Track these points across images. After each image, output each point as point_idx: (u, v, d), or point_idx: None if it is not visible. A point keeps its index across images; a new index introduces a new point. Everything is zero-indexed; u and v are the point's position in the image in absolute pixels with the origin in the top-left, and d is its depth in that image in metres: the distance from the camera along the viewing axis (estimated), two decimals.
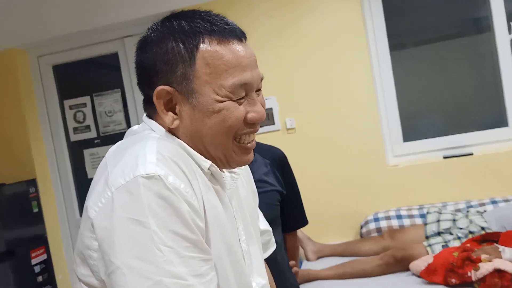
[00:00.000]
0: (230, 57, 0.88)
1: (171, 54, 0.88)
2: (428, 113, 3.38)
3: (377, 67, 3.18)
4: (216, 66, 0.87)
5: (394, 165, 3.15)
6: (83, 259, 0.84)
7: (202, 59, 0.87)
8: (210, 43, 0.87)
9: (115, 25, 3.44)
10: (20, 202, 3.28)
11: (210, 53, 0.87)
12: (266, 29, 3.19)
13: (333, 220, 3.15)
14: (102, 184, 0.82)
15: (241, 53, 0.89)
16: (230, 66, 0.87)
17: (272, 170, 1.63)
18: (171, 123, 0.91)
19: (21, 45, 3.59)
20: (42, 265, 3.31)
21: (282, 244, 1.63)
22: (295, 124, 3.19)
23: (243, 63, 0.89)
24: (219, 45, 0.88)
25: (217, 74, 0.87)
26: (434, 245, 2.52)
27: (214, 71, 0.87)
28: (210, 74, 0.87)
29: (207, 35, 0.88)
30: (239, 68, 0.88)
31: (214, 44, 0.88)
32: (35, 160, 3.55)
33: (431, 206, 2.91)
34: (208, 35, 0.88)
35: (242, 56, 0.89)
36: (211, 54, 0.87)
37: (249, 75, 0.90)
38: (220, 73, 0.87)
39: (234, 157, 0.94)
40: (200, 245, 0.81)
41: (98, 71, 3.85)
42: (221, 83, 0.87)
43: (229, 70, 0.87)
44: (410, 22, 3.40)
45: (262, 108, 0.94)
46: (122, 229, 0.76)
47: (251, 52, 0.93)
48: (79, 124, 3.74)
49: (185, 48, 0.87)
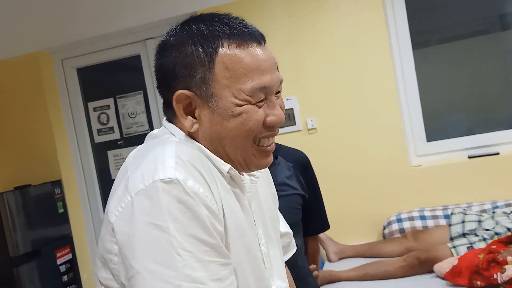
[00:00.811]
0: (249, 60, 0.87)
1: (190, 58, 0.88)
2: (452, 112, 3.32)
3: (400, 66, 3.14)
4: (235, 70, 0.87)
5: (417, 165, 3.10)
6: (104, 262, 0.86)
7: (221, 63, 0.87)
8: (229, 47, 0.87)
9: (137, 28, 3.48)
10: (46, 203, 3.35)
11: (229, 57, 0.87)
12: (287, 29, 3.18)
13: (356, 221, 3.13)
14: (122, 189, 0.83)
15: (260, 56, 0.89)
16: (249, 70, 0.87)
17: (295, 174, 1.61)
18: (191, 127, 0.91)
19: (46, 48, 3.66)
20: (67, 265, 3.38)
21: (303, 248, 1.62)
22: (316, 124, 3.17)
23: (262, 66, 0.89)
24: (238, 48, 0.88)
25: (237, 78, 0.87)
26: (459, 247, 2.48)
27: (233, 75, 0.87)
28: (229, 78, 0.87)
29: (226, 39, 0.88)
30: (258, 72, 0.88)
31: (233, 48, 0.87)
32: (61, 162, 3.62)
33: (456, 207, 2.86)
34: (227, 38, 0.88)
35: (261, 60, 0.89)
36: (230, 58, 0.87)
37: (268, 78, 0.89)
38: (239, 77, 0.87)
39: (254, 160, 0.94)
40: (220, 249, 0.81)
41: (121, 73, 3.90)
42: (241, 87, 0.87)
43: (248, 74, 0.87)
44: (433, 19, 3.34)
45: (281, 111, 0.93)
46: (142, 233, 0.77)
47: (271, 55, 0.92)
48: (103, 125, 3.80)
49: (204, 52, 0.87)
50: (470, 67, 3.26)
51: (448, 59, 3.29)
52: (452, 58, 3.29)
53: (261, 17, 3.19)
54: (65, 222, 3.49)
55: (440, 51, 3.38)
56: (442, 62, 3.31)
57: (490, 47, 3.28)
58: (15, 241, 3.00)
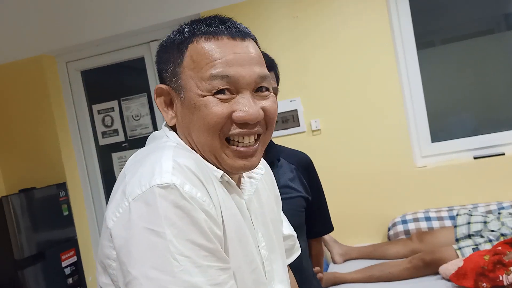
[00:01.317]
0: (215, 51, 0.88)
1: (168, 54, 0.94)
2: (457, 113, 3.30)
3: (404, 66, 3.13)
4: (199, 60, 0.89)
5: (422, 166, 3.09)
6: (103, 267, 0.85)
7: (189, 56, 0.90)
8: (198, 41, 0.90)
9: (140, 30, 3.49)
10: (51, 205, 3.36)
11: (196, 49, 0.90)
12: (291, 30, 3.17)
13: (360, 222, 3.11)
14: (120, 194, 0.83)
15: (229, 48, 0.88)
16: (212, 59, 0.88)
17: (298, 176, 1.60)
18: (170, 121, 0.95)
19: (50, 51, 3.68)
20: (72, 267, 3.39)
21: (307, 250, 1.61)
22: (320, 126, 3.16)
23: (228, 57, 0.88)
24: (206, 41, 0.89)
25: (199, 68, 0.88)
26: (464, 248, 2.46)
27: (197, 66, 0.89)
28: (193, 69, 0.89)
29: (199, 35, 0.90)
30: (222, 61, 0.87)
31: (201, 41, 0.90)
32: (65, 164, 3.63)
33: (461, 208, 2.84)
34: (199, 34, 0.90)
35: (229, 51, 0.88)
36: (196, 50, 0.89)
37: (234, 69, 0.87)
38: (202, 66, 0.88)
39: (226, 160, 0.91)
40: (218, 254, 0.81)
41: (125, 76, 3.91)
42: (202, 75, 0.88)
43: (211, 63, 0.88)
44: (438, 19, 3.33)
45: (254, 108, 0.89)
46: (139, 239, 0.76)
47: (247, 50, 0.90)
48: (107, 128, 3.81)
49: (178, 47, 0.92)
50: (475, 67, 3.24)
51: (453, 59, 3.28)
52: (457, 58, 3.27)
53: (265, 18, 3.19)
54: (70, 224, 3.50)
55: (444, 51, 3.37)
56: (446, 62, 3.29)
57: (495, 47, 3.26)
58: (20, 243, 3.01)
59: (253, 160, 0.93)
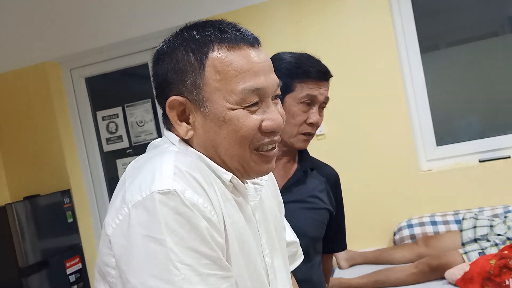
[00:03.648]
0: (241, 62, 0.86)
1: (181, 63, 0.88)
2: (462, 116, 3.28)
3: (408, 70, 3.12)
4: (226, 72, 0.85)
5: (428, 169, 3.07)
6: (102, 275, 0.84)
7: (212, 66, 0.86)
8: (219, 50, 0.86)
9: (144, 37, 3.51)
10: (55, 212, 3.37)
11: (219, 60, 0.86)
12: (294, 35, 3.17)
13: (366, 227, 3.09)
14: (119, 200, 0.82)
15: (253, 58, 0.87)
16: (240, 71, 0.85)
17: (326, 189, 1.57)
18: (185, 134, 0.90)
19: (55, 58, 3.70)
20: (77, 275, 3.39)
21: (320, 265, 1.57)
22: (324, 130, 3.15)
23: (254, 68, 0.87)
24: (229, 51, 0.86)
25: (227, 80, 0.85)
26: (471, 253, 2.43)
27: (224, 78, 0.85)
28: (220, 81, 0.85)
29: (217, 43, 0.87)
30: (250, 73, 0.86)
31: (223, 51, 0.86)
32: (70, 171, 3.64)
33: (467, 212, 2.82)
34: (218, 42, 0.87)
35: (254, 61, 0.87)
36: (220, 61, 0.85)
37: (262, 80, 0.87)
38: (230, 79, 0.85)
39: (253, 166, 0.91)
40: (220, 262, 0.79)
41: (129, 82, 3.92)
42: (232, 88, 0.85)
43: (240, 75, 0.85)
44: (442, 22, 3.32)
45: (279, 116, 0.90)
46: (138, 247, 0.75)
47: (265, 57, 0.91)
48: (111, 134, 3.82)
49: (195, 57, 0.87)
50: (480, 70, 3.22)
51: (458, 62, 3.26)
52: (462, 61, 3.25)
53: (268, 24, 3.19)
54: (75, 231, 3.50)
55: (449, 54, 3.36)
56: (451, 65, 3.28)
57: (500, 50, 3.25)
58: (24, 251, 3.02)
59: (273, 163, 0.95)
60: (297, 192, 1.48)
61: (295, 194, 1.47)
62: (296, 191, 1.48)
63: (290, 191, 1.45)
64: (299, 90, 1.43)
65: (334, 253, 1.79)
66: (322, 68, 1.47)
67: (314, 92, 1.44)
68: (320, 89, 1.46)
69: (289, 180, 1.49)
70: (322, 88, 1.47)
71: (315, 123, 1.46)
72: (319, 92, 1.45)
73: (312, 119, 1.44)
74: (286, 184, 1.47)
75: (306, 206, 1.47)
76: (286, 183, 1.47)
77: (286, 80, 1.39)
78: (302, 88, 1.43)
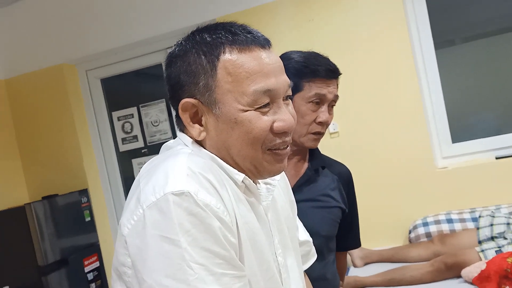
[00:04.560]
0: (252, 64, 0.87)
1: (194, 66, 0.89)
2: (478, 112, 3.24)
3: (422, 66, 3.09)
4: (237, 74, 0.86)
5: (443, 167, 3.04)
6: (119, 275, 0.86)
7: (223, 68, 0.87)
8: (230, 52, 0.87)
9: (157, 38, 3.53)
10: (73, 211, 3.42)
11: (231, 62, 0.87)
12: (307, 33, 3.16)
13: (381, 225, 3.08)
14: (134, 202, 0.83)
15: (264, 59, 0.88)
16: (251, 73, 0.86)
17: (339, 187, 1.57)
18: (198, 135, 0.91)
19: (71, 60, 3.75)
20: (95, 273, 3.43)
21: (334, 263, 1.56)
22: (338, 128, 3.14)
23: (265, 69, 0.87)
24: (240, 53, 0.87)
25: (239, 82, 0.86)
26: (487, 251, 2.41)
27: (235, 79, 0.86)
28: (231, 83, 0.86)
29: (228, 45, 0.88)
30: (261, 75, 0.87)
31: (235, 53, 0.87)
32: (87, 171, 3.69)
33: (484, 209, 2.79)
34: (229, 45, 0.88)
35: (265, 63, 0.88)
36: (232, 63, 0.87)
37: (273, 81, 0.88)
38: (241, 81, 0.86)
39: (266, 166, 0.92)
40: (233, 261, 0.80)
41: (143, 83, 3.95)
42: (243, 90, 0.86)
43: (251, 77, 0.86)
44: (457, 17, 3.28)
45: (290, 116, 0.91)
46: (153, 247, 0.77)
47: (276, 59, 0.91)
48: (127, 134, 3.86)
49: (207, 59, 0.88)
50: (496, 65, 3.18)
51: (473, 58, 3.22)
52: (477, 56, 3.21)
53: (280, 22, 3.19)
54: (92, 230, 3.55)
55: (465, 50, 3.32)
56: (467, 61, 3.24)
57: None
58: (43, 250, 3.07)
59: (285, 162, 0.96)
60: (309, 191, 1.48)
61: (306, 193, 1.46)
62: (307, 190, 1.48)
63: (301, 190, 1.45)
64: (308, 90, 1.42)
65: (348, 250, 1.79)
66: (330, 66, 1.45)
67: (322, 91, 1.43)
68: (329, 87, 1.45)
69: (300, 179, 1.49)
70: (331, 87, 1.45)
71: (325, 122, 1.45)
72: (328, 90, 1.44)
73: (322, 118, 1.44)
74: (297, 183, 1.47)
75: (318, 204, 1.47)
76: (297, 182, 1.47)
77: (295, 80, 1.38)
78: (311, 87, 1.42)
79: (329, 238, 1.49)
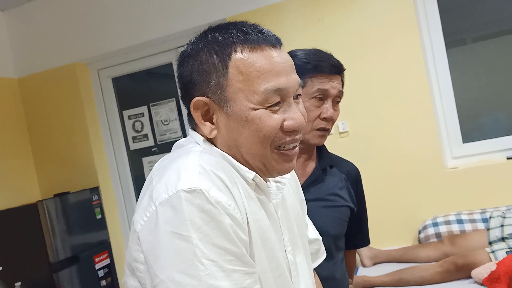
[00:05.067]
0: (263, 63, 0.88)
1: (205, 65, 0.90)
2: (489, 112, 3.23)
3: (433, 65, 3.08)
4: (248, 73, 0.87)
5: (454, 167, 3.03)
6: (131, 270, 0.87)
7: (235, 67, 0.88)
8: (242, 51, 0.88)
9: (168, 37, 3.56)
10: (84, 209, 3.45)
11: (242, 61, 0.88)
12: (317, 32, 3.17)
13: (390, 225, 3.08)
14: (147, 198, 0.85)
15: (275, 58, 0.89)
16: (262, 72, 0.87)
17: (347, 186, 1.56)
18: (209, 133, 0.92)
19: (83, 59, 3.78)
20: (106, 270, 3.46)
21: (343, 262, 1.56)
22: (348, 128, 3.14)
23: (276, 68, 0.88)
24: (251, 52, 0.88)
25: (250, 81, 0.87)
26: (498, 252, 2.40)
27: (246, 78, 0.87)
28: (243, 82, 0.87)
29: (240, 44, 0.89)
30: (272, 74, 0.88)
31: (246, 52, 0.88)
32: (98, 169, 3.72)
33: (494, 210, 2.77)
34: (240, 44, 0.89)
35: (276, 62, 0.89)
36: (243, 62, 0.88)
37: (283, 80, 0.89)
38: (252, 80, 0.87)
39: (275, 165, 0.93)
40: (244, 258, 0.81)
41: (153, 82, 3.98)
42: (254, 89, 0.87)
43: (262, 76, 0.87)
44: (469, 17, 3.26)
45: (300, 115, 0.92)
46: (165, 243, 0.78)
47: (287, 58, 0.92)
48: (137, 133, 3.88)
49: (218, 58, 0.89)
50: (508, 65, 3.16)
51: (485, 57, 3.20)
52: (489, 56, 3.19)
53: (290, 22, 3.19)
54: (103, 227, 3.58)
55: (476, 50, 3.30)
56: (479, 60, 3.22)
57: None
58: (55, 246, 3.10)
59: (295, 161, 0.97)
60: (317, 191, 1.47)
61: (314, 193, 1.46)
62: (315, 189, 1.47)
63: (309, 190, 1.44)
64: (310, 85, 1.41)
65: (358, 248, 1.79)
66: (332, 61, 1.44)
67: (325, 86, 1.42)
68: (332, 82, 1.43)
69: (308, 179, 1.49)
70: (334, 82, 1.44)
71: (329, 118, 1.43)
72: (331, 86, 1.43)
73: (326, 114, 1.42)
74: (305, 183, 1.46)
75: (326, 204, 1.47)
76: (304, 182, 1.47)
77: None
78: (313, 83, 1.41)
79: (337, 237, 1.49)
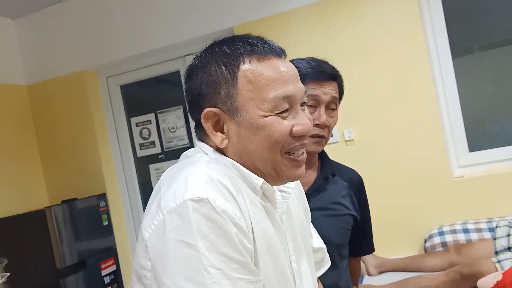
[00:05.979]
0: (271, 72, 0.91)
1: (215, 76, 0.93)
2: (496, 121, 3.22)
3: (439, 73, 3.08)
4: (257, 82, 0.91)
5: (460, 176, 3.03)
6: (138, 277, 0.89)
7: (243, 77, 0.91)
8: (250, 62, 0.91)
9: (176, 45, 3.59)
10: (91, 215, 3.47)
11: (250, 71, 0.91)
12: (323, 41, 3.18)
13: (396, 234, 3.07)
14: (155, 207, 0.87)
15: (281, 68, 0.93)
16: (271, 80, 0.91)
17: (349, 194, 1.57)
18: (221, 143, 0.94)
19: (92, 67, 3.82)
20: (112, 276, 3.47)
21: (347, 270, 1.56)
22: (353, 136, 3.15)
23: (283, 77, 0.92)
24: (259, 62, 0.92)
25: (259, 90, 0.90)
26: (504, 261, 2.39)
27: (256, 87, 0.91)
28: (252, 90, 0.91)
29: (247, 55, 0.92)
30: (280, 82, 0.91)
31: (254, 62, 0.91)
32: (105, 176, 3.75)
33: (501, 219, 2.76)
34: (248, 55, 0.92)
35: (282, 71, 0.92)
36: (251, 72, 0.91)
37: (291, 88, 0.92)
38: (262, 88, 0.90)
39: (285, 171, 0.96)
40: (249, 266, 0.83)
41: (161, 89, 4.01)
42: (264, 97, 0.90)
43: (271, 84, 0.91)
44: (475, 25, 3.26)
45: (308, 121, 0.95)
46: (173, 251, 0.80)
47: (292, 67, 0.96)
48: (144, 140, 3.91)
49: (227, 69, 0.92)
50: None
51: (491, 66, 3.20)
52: (495, 65, 3.19)
53: (296, 30, 3.21)
54: (110, 234, 3.59)
55: (483, 58, 3.29)
56: (485, 69, 3.22)
57: None
58: (62, 252, 3.12)
59: (303, 168, 0.99)
60: (319, 200, 1.48)
61: (317, 202, 1.46)
62: (317, 199, 1.48)
63: (311, 199, 1.43)
64: None
65: (362, 256, 1.78)
66: (323, 68, 1.45)
67: (315, 92, 1.42)
68: (324, 88, 1.44)
69: (310, 189, 1.49)
70: (326, 88, 1.44)
71: (322, 124, 1.43)
72: (322, 91, 1.43)
73: (318, 120, 1.43)
74: (307, 192, 1.46)
75: (329, 213, 1.47)
76: (307, 192, 1.46)
77: None
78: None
79: (341, 246, 1.49)
